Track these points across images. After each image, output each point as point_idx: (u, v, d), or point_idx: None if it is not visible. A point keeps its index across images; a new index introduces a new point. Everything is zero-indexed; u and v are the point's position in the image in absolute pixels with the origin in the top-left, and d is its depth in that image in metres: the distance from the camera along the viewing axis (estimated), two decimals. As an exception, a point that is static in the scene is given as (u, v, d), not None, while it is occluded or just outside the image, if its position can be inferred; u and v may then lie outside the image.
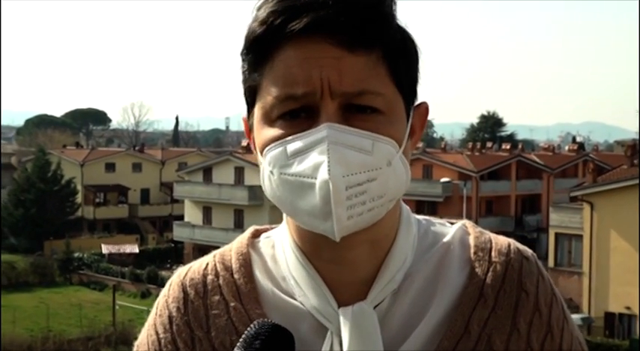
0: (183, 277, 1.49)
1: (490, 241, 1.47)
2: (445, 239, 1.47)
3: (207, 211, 56.86)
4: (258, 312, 1.40)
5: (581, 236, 38.03)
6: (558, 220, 40.19)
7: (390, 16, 1.31)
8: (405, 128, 1.34)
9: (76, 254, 56.39)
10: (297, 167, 1.27)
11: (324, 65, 1.26)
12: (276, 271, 1.45)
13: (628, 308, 35.65)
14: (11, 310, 44.12)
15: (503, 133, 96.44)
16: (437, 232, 1.49)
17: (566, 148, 74.38)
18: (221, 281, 1.46)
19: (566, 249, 39.74)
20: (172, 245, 61.02)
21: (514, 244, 1.48)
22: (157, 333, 1.47)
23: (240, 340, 1.24)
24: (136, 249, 57.89)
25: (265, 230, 1.54)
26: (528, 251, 1.48)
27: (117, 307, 44.44)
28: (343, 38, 1.26)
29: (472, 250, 1.45)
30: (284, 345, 1.25)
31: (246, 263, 1.47)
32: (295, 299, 1.41)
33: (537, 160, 61.35)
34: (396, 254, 1.40)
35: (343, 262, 1.37)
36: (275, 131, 1.30)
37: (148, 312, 1.53)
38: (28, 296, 50.23)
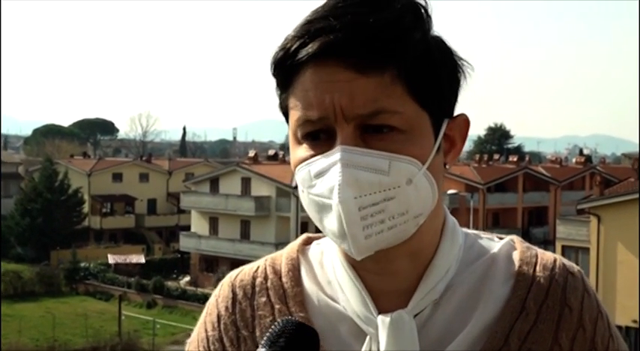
0: (234, 279, 1.55)
1: (536, 256, 1.49)
2: (491, 253, 1.49)
3: (213, 222, 56.84)
4: (302, 315, 1.45)
5: (588, 249, 37.92)
6: (565, 232, 40.10)
7: (408, 31, 1.31)
8: (432, 144, 1.35)
9: (82, 264, 56.40)
10: (318, 188, 1.32)
11: (335, 89, 1.29)
12: (322, 276, 1.50)
13: (635, 322, 35.52)
14: (17, 320, 44.15)
15: (510, 146, 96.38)
16: (484, 245, 1.50)
17: (574, 160, 74.34)
18: (269, 284, 1.51)
19: (573, 262, 39.40)
20: (179, 256, 60.99)
21: (560, 259, 1.50)
22: (206, 331, 1.53)
23: (265, 337, 1.25)
24: (142, 259, 57.87)
25: (317, 238, 1.59)
26: (575, 267, 1.50)
27: (123, 317, 44.42)
28: (353, 61, 1.28)
29: (517, 264, 1.46)
30: (309, 343, 1.26)
31: (294, 268, 1.52)
32: (338, 303, 1.45)
33: (544, 172, 61.30)
34: (437, 265, 1.42)
35: (385, 272, 1.41)
36: (302, 152, 1.35)
37: (154, 322, 1.55)
38: (34, 306, 50.22)
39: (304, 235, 1.59)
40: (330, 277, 1.48)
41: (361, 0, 1.31)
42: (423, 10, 1.36)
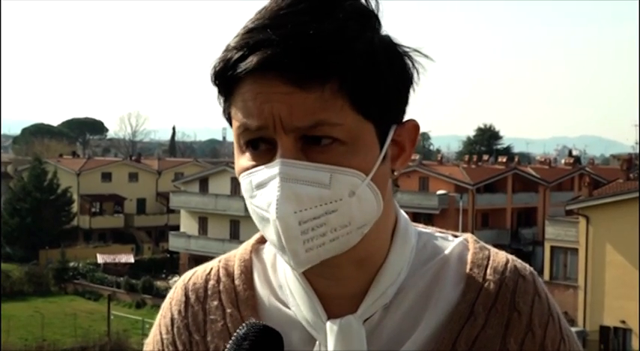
0: (187, 281, 1.54)
1: (488, 257, 1.46)
2: (443, 254, 1.46)
3: (203, 222, 56.81)
4: (254, 320, 1.42)
5: (576, 250, 38.02)
6: (554, 233, 40.17)
7: (350, 42, 1.28)
8: (377, 154, 1.33)
9: (71, 264, 56.30)
10: (258, 200, 1.31)
11: (274, 100, 1.27)
12: (275, 279, 1.48)
13: (623, 322, 35.63)
14: (6, 320, 43.99)
15: (499, 146, 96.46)
16: (437, 245, 1.48)
17: (563, 161, 74.48)
18: (221, 287, 1.50)
19: (562, 262, 39.72)
20: (168, 255, 60.95)
21: (513, 261, 1.47)
22: (160, 333, 1.53)
23: (230, 341, 1.27)
24: (131, 259, 57.83)
25: None
26: (527, 270, 1.47)
27: (112, 317, 44.36)
28: (292, 75, 1.26)
29: (468, 267, 1.44)
30: (273, 346, 1.28)
31: (247, 270, 1.50)
32: (289, 308, 1.44)
33: (533, 173, 61.39)
34: (387, 270, 1.40)
35: (334, 278, 1.39)
36: (244, 161, 1.33)
37: (143, 322, 1.56)
38: (22, 305, 50.11)
39: (258, 234, 1.53)
40: (281, 281, 1.46)
41: (303, 7, 1.29)
42: (368, 14, 1.33)
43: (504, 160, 64.91)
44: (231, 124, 1.37)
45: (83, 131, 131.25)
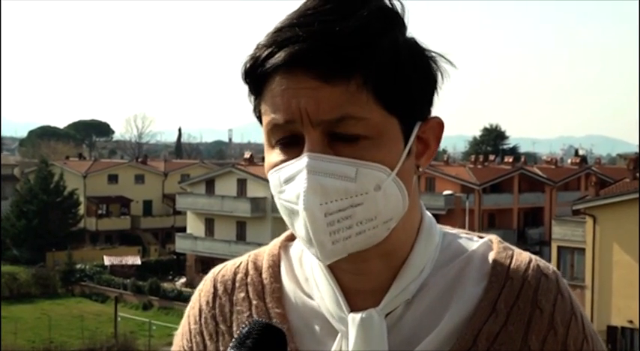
0: (217, 274, 1.59)
1: (511, 257, 1.48)
2: (467, 253, 1.49)
3: (209, 223, 56.84)
4: (278, 311, 1.47)
5: (583, 249, 37.96)
6: (561, 233, 40.11)
7: (374, 39, 1.32)
8: (401, 149, 1.36)
9: (78, 266, 56.37)
10: (287, 194, 1.34)
11: (301, 96, 1.30)
12: (301, 273, 1.52)
13: (630, 322, 35.56)
14: (13, 322, 44.10)
15: (505, 146, 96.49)
16: (461, 245, 1.51)
17: (569, 161, 74.52)
18: (249, 280, 1.54)
19: (569, 262, 39.65)
20: (174, 257, 61.01)
21: (535, 261, 1.49)
22: (189, 324, 1.57)
23: (233, 339, 1.28)
24: (138, 261, 57.88)
25: None
26: (550, 269, 1.49)
27: (119, 318, 44.42)
28: (319, 71, 1.29)
29: (491, 265, 1.47)
30: (276, 344, 1.28)
31: (274, 264, 1.55)
32: (314, 300, 1.47)
33: (540, 173, 61.38)
34: (411, 265, 1.43)
35: (359, 272, 1.42)
36: (274, 157, 1.37)
37: (150, 324, 1.57)
38: (29, 307, 50.19)
39: (288, 232, 1.58)
40: (307, 274, 1.50)
41: (330, 7, 1.33)
42: (393, 15, 1.37)
43: (511, 160, 64.90)
44: (261, 122, 1.40)
45: (89, 133, 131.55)
